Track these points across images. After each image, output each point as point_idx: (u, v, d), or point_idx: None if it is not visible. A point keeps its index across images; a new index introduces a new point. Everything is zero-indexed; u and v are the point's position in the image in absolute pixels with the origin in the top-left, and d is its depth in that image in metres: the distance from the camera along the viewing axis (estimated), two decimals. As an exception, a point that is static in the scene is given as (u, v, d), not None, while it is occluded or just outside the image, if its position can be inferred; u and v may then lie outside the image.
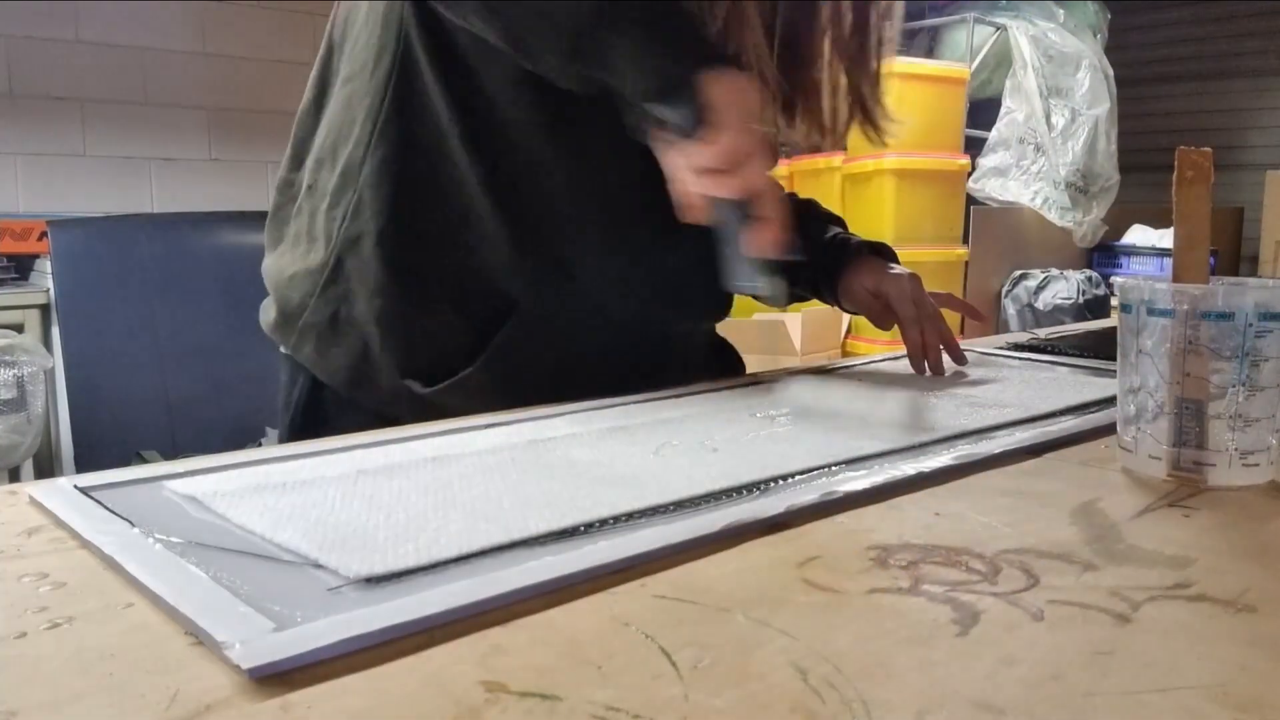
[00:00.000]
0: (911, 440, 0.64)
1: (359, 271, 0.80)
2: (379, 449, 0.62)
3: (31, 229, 2.61)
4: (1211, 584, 0.41)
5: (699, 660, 0.34)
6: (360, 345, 0.81)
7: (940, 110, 3.48)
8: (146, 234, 1.50)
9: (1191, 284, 0.58)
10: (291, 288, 0.83)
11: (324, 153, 0.83)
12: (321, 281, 0.81)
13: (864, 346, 3.29)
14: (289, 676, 0.33)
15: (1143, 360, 0.58)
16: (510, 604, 0.39)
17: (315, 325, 0.82)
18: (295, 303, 0.83)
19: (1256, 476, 0.56)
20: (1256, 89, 4.91)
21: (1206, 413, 0.56)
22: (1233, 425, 0.55)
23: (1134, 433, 0.59)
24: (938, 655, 0.35)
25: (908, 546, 0.46)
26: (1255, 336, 0.55)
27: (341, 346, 0.81)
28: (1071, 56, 3.78)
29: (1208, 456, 0.56)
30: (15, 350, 2.24)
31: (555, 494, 0.52)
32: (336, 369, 0.82)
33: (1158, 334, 0.57)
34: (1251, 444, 0.56)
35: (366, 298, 0.79)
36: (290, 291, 0.84)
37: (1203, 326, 0.55)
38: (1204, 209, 0.59)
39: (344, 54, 0.83)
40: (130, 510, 0.49)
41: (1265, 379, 0.55)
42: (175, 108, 3.02)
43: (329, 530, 0.46)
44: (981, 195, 3.81)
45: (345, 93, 0.82)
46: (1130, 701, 0.32)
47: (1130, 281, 0.60)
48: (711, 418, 0.71)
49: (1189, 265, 0.60)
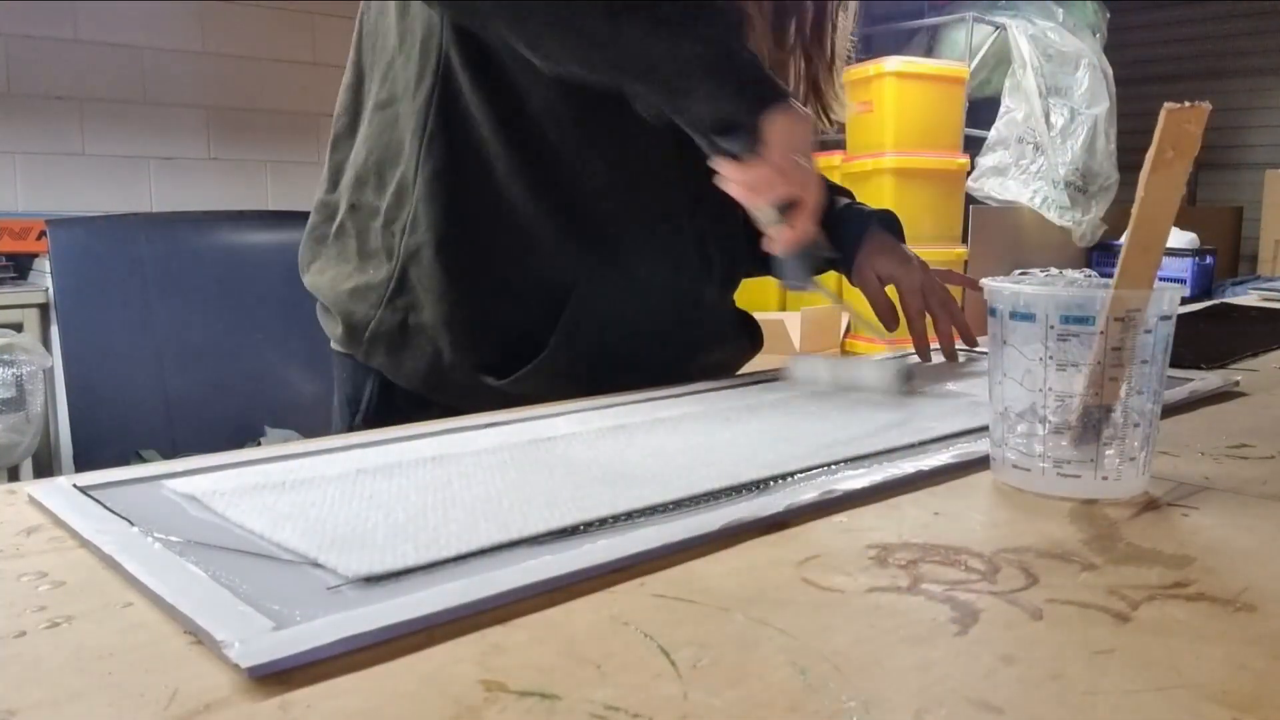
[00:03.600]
0: (910, 439, 0.64)
1: (422, 280, 0.84)
2: (378, 448, 0.62)
3: (30, 228, 2.61)
4: (1210, 583, 0.41)
5: (698, 659, 0.34)
6: (432, 348, 0.85)
7: (939, 109, 3.48)
8: (145, 233, 1.49)
9: (1129, 290, 0.51)
10: (355, 301, 0.88)
11: (365, 173, 0.88)
12: (387, 293, 0.86)
13: (863, 345, 3.29)
14: (288, 675, 0.33)
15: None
16: (509, 603, 0.39)
17: (386, 334, 0.87)
18: (361, 315, 0.87)
19: (1077, 489, 0.53)
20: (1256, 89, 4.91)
21: (1010, 419, 0.54)
22: (1039, 433, 0.53)
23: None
24: (936, 654, 0.35)
25: (907, 545, 0.46)
26: (1057, 339, 0.52)
27: (414, 351, 0.86)
28: (1071, 56, 3.78)
29: (1027, 463, 0.54)
30: (14, 349, 2.24)
31: (555, 493, 0.52)
32: (412, 372, 0.87)
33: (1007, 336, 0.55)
34: (1067, 454, 0.53)
35: (433, 304, 0.84)
36: (354, 305, 0.88)
37: (1009, 326, 0.53)
38: (1173, 200, 0.50)
39: (375, 79, 0.88)
40: (129, 509, 0.49)
41: (1074, 385, 0.52)
42: (174, 107, 3.02)
43: (328, 529, 0.46)
44: (981, 194, 3.81)
45: (385, 116, 0.86)
46: (1129, 701, 0.32)
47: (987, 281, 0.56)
48: (711, 417, 0.71)
49: (1137, 271, 0.51)
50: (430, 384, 0.86)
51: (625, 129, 0.83)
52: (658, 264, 0.89)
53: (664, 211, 0.89)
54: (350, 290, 0.88)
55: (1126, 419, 0.52)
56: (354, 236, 0.89)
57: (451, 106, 0.82)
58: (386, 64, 0.86)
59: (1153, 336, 0.52)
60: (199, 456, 0.60)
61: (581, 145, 0.84)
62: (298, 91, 3.22)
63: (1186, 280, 4.17)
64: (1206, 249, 4.34)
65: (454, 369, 0.85)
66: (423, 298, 0.85)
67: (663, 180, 0.88)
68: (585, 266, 0.85)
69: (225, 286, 1.53)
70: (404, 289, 0.85)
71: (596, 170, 0.85)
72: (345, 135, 0.92)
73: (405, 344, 0.86)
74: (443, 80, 0.82)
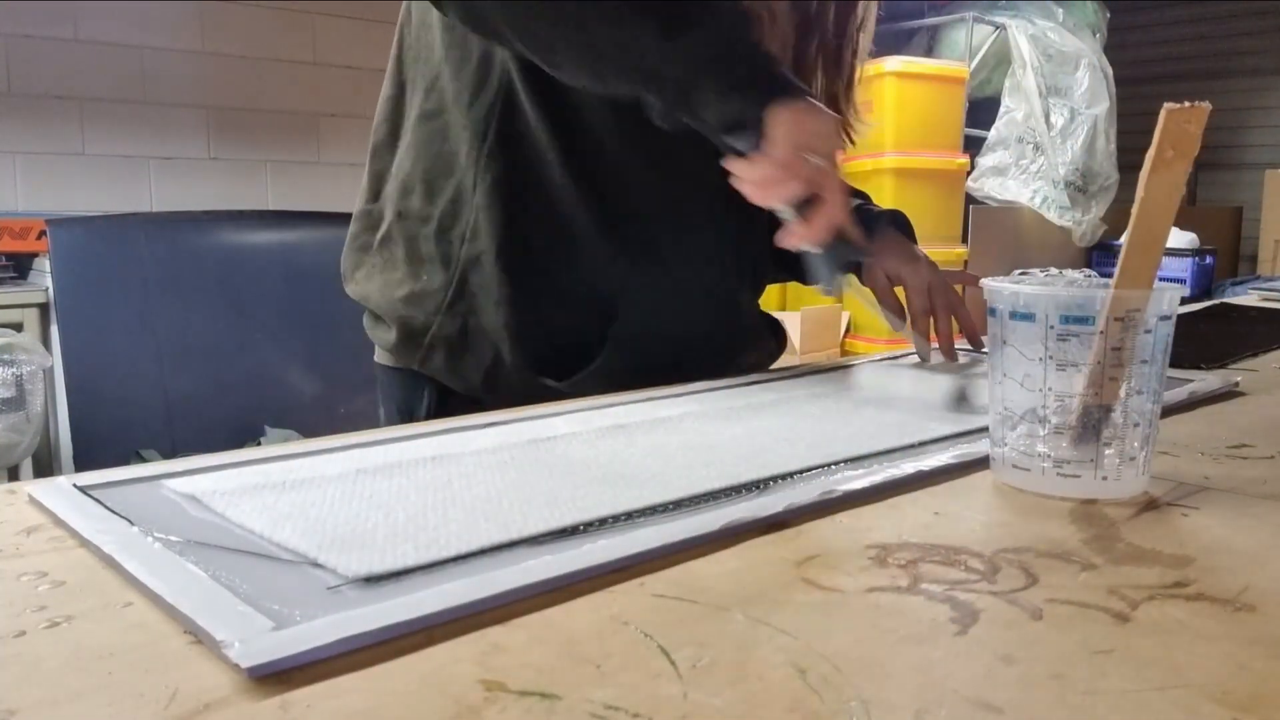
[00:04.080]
0: (911, 439, 0.64)
1: (482, 287, 0.87)
2: (379, 448, 0.62)
3: (30, 228, 2.61)
4: (1210, 583, 0.41)
5: (698, 659, 0.34)
6: (492, 352, 0.88)
7: (939, 109, 3.48)
8: (145, 233, 1.49)
9: (1129, 290, 0.51)
10: (411, 307, 0.89)
11: (411, 182, 0.90)
12: (447, 299, 0.88)
13: (863, 345, 3.29)
14: (288, 675, 0.33)
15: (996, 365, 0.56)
16: (509, 603, 0.39)
17: (445, 339, 0.89)
18: (420, 321, 0.89)
19: (1077, 489, 0.53)
20: (1256, 88, 4.91)
21: (1011, 419, 0.54)
22: (1039, 433, 0.53)
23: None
24: (936, 654, 0.35)
25: (907, 545, 0.46)
26: (1057, 339, 0.52)
27: (474, 354, 0.88)
28: (1071, 55, 3.78)
29: (1027, 463, 0.54)
30: (14, 349, 2.24)
31: (554, 493, 0.52)
32: (470, 376, 0.89)
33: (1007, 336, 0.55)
34: (1067, 454, 0.52)
35: (492, 309, 0.87)
36: (411, 311, 0.89)
37: (1009, 326, 0.53)
38: (1173, 201, 0.50)
39: (418, 91, 0.90)
40: (129, 509, 0.49)
41: (1074, 385, 0.51)
42: (174, 107, 3.02)
43: (328, 529, 0.46)
44: (981, 194, 3.81)
45: (433, 127, 0.89)
46: (1129, 701, 0.32)
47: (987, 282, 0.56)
48: (711, 417, 0.71)
49: (1137, 271, 0.51)
50: (488, 386, 0.89)
51: (670, 137, 0.85)
52: (702, 269, 0.93)
53: (706, 218, 0.92)
54: (405, 296, 0.89)
55: (1126, 419, 0.52)
56: (402, 244, 0.90)
57: (511, 119, 0.85)
58: (432, 77, 0.88)
59: (1153, 336, 0.52)
60: (199, 456, 0.60)
61: (631, 156, 0.87)
62: (298, 91, 3.22)
63: (1186, 280, 4.17)
64: (1206, 249, 4.34)
65: (513, 371, 0.87)
66: (483, 302, 0.87)
67: (704, 187, 0.89)
68: (636, 272, 0.89)
69: (225, 286, 1.53)
70: (464, 294, 0.88)
71: (646, 180, 0.88)
72: (386, 145, 0.93)
73: (466, 348, 0.88)
74: (505, 93, 0.85)
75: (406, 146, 0.91)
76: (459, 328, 0.88)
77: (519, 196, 0.86)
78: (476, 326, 0.88)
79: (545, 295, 0.88)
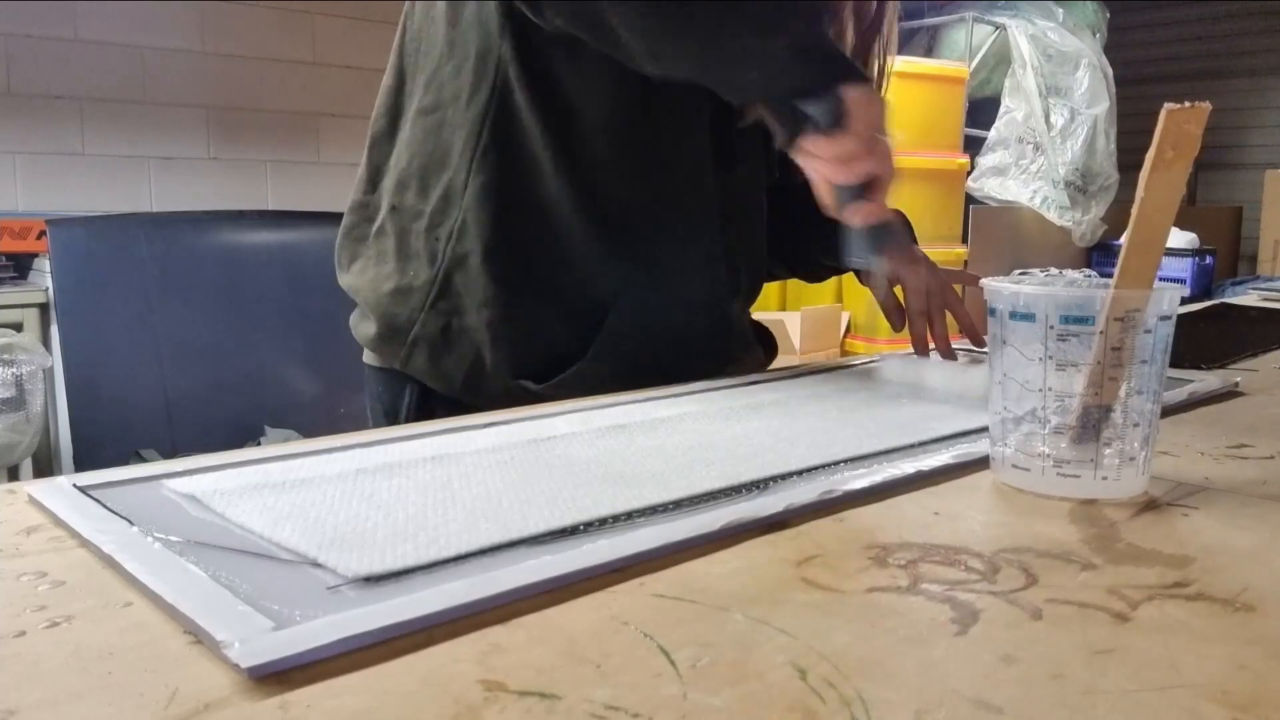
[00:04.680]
0: (911, 439, 0.64)
1: (467, 286, 0.86)
2: (378, 448, 0.62)
3: (30, 228, 2.61)
4: (1210, 583, 0.41)
5: (698, 659, 0.34)
6: (473, 352, 0.87)
7: (939, 109, 3.48)
8: (145, 233, 1.49)
9: (1129, 290, 0.51)
10: (396, 304, 0.89)
11: (407, 176, 0.89)
12: (431, 296, 0.87)
13: (863, 345, 3.29)
14: (288, 675, 0.33)
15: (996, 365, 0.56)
16: (509, 603, 0.39)
17: (427, 337, 0.88)
18: (403, 318, 0.89)
19: (1077, 489, 0.53)
20: (1256, 88, 4.91)
21: (1010, 419, 0.54)
22: (1039, 433, 0.53)
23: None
24: (936, 654, 0.35)
25: (907, 545, 0.46)
26: (1057, 339, 0.52)
27: (455, 355, 0.88)
28: (1071, 55, 3.78)
29: (1027, 462, 0.54)
30: (14, 349, 2.24)
31: (554, 493, 0.52)
32: (451, 376, 0.89)
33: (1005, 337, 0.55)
34: (1066, 454, 0.52)
35: (476, 309, 0.86)
36: (394, 307, 0.89)
37: (1009, 326, 0.53)
38: (1173, 201, 0.50)
39: (418, 84, 0.89)
40: (129, 509, 0.49)
41: (1074, 385, 0.51)
42: (174, 107, 3.02)
43: (328, 529, 0.46)
44: (981, 194, 3.81)
45: (430, 121, 0.88)
46: (1129, 701, 0.32)
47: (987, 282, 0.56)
48: (710, 417, 0.71)
49: (1137, 271, 0.51)
50: (469, 387, 0.88)
51: (666, 148, 0.86)
52: (692, 278, 0.93)
53: (699, 227, 0.92)
54: (391, 292, 0.89)
55: (1126, 419, 0.52)
56: (393, 238, 0.90)
57: (507, 120, 0.85)
58: (432, 71, 0.88)
59: (1152, 336, 0.52)
60: (199, 456, 0.60)
61: (625, 164, 0.87)
62: (298, 91, 3.22)
63: (1186, 280, 4.17)
64: (1206, 249, 4.34)
65: (494, 373, 0.87)
66: (467, 302, 0.87)
67: (698, 197, 0.91)
68: (626, 280, 0.89)
69: (225, 286, 1.53)
70: (447, 293, 0.87)
71: (638, 188, 0.88)
72: (384, 137, 0.93)
73: (447, 347, 0.88)
74: (500, 94, 0.84)
75: (405, 140, 0.91)
76: (441, 326, 0.88)
77: (510, 199, 0.86)
78: (459, 326, 0.87)
79: (531, 299, 0.87)
